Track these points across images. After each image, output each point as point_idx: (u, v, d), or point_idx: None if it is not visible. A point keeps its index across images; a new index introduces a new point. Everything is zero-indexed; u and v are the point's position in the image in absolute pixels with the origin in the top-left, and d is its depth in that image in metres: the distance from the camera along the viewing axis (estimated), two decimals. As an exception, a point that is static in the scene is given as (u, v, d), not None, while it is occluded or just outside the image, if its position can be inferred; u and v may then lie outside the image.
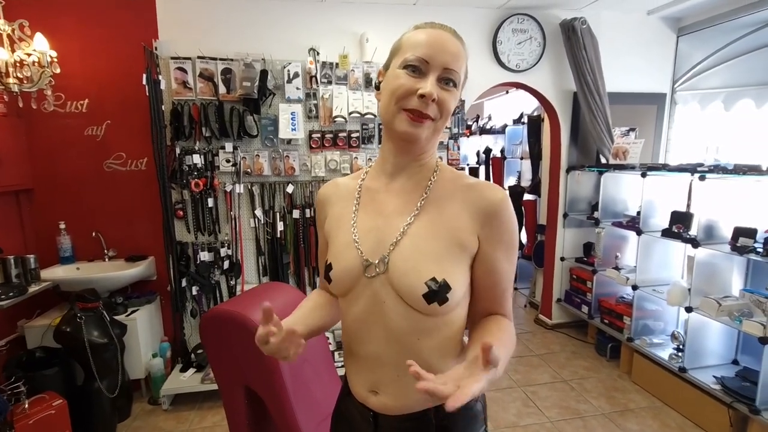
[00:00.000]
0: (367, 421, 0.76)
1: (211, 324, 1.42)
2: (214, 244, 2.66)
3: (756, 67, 3.06)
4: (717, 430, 2.11)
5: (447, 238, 0.70)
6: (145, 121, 2.49)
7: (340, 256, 0.74)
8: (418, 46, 0.68)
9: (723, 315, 2.12)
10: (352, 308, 0.74)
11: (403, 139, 0.70)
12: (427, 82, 0.66)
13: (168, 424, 2.28)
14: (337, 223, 0.79)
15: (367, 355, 0.74)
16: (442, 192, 0.73)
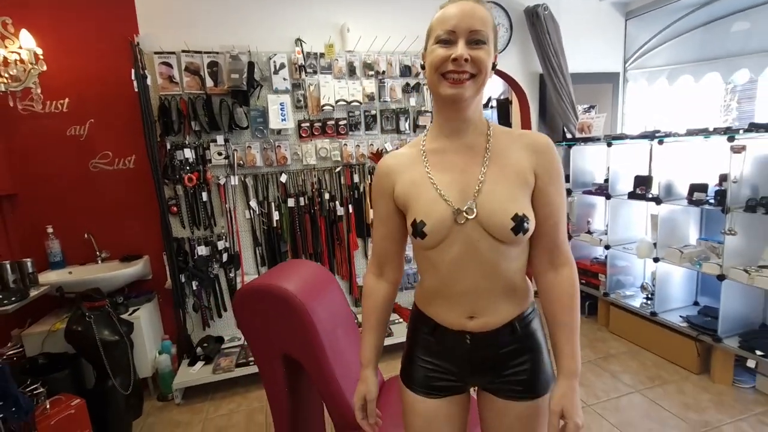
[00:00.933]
0: (464, 342, 0.89)
1: (247, 299, 1.49)
2: (211, 238, 2.67)
3: (693, 46, 3.44)
4: (687, 362, 2.42)
5: (516, 180, 0.83)
6: (131, 118, 2.46)
7: (430, 211, 0.83)
8: (444, 22, 0.80)
9: (685, 261, 2.42)
10: (446, 254, 0.85)
11: (451, 101, 0.82)
12: (457, 47, 0.78)
13: (183, 417, 2.29)
14: (415, 186, 0.87)
15: (464, 290, 0.86)
16: (501, 144, 0.87)
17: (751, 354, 2.09)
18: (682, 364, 2.44)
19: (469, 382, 0.95)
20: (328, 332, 1.46)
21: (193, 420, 2.26)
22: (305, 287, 1.47)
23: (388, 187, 0.92)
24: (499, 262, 0.84)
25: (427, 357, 0.95)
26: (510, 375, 0.90)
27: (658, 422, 2.00)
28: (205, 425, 2.21)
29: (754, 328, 2.29)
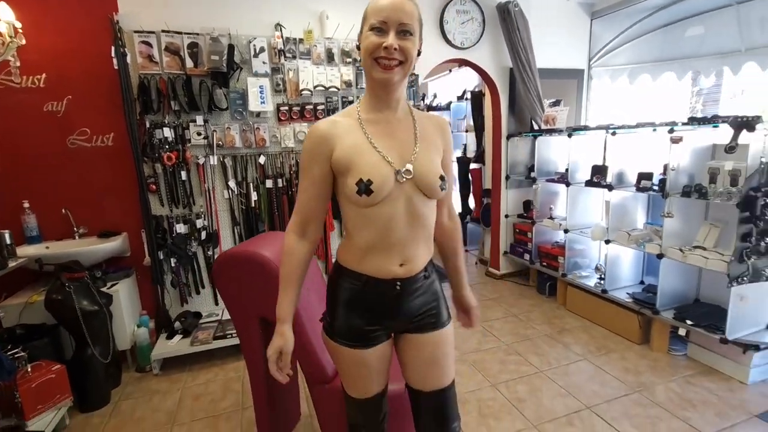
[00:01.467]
0: (394, 289, 1.04)
1: (226, 265, 1.60)
2: (190, 217, 2.74)
3: (652, 47, 3.70)
4: (630, 333, 2.67)
5: (435, 150, 1.06)
6: (110, 95, 2.50)
7: (375, 171, 0.95)
8: (378, 12, 0.93)
9: (632, 243, 2.67)
10: (385, 210, 0.98)
11: (383, 84, 0.98)
12: (388, 37, 0.93)
13: (161, 386, 2.38)
14: (356, 150, 0.99)
15: (398, 240, 1.01)
16: (422, 122, 1.08)
17: (683, 324, 2.35)
18: (627, 335, 2.69)
19: (392, 328, 1.11)
20: (302, 296, 1.59)
21: (171, 389, 2.36)
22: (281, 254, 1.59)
23: (325, 151, 0.99)
24: (426, 215, 1.03)
25: (354, 311, 1.06)
26: (425, 311, 1.10)
27: (601, 384, 2.23)
28: (183, 393, 2.31)
29: (689, 303, 2.56)
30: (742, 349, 2.15)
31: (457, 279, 1.27)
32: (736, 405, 2.02)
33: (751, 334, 2.18)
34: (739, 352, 2.17)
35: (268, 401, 1.72)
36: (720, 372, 2.28)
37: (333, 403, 1.56)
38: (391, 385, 1.26)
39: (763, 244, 2.00)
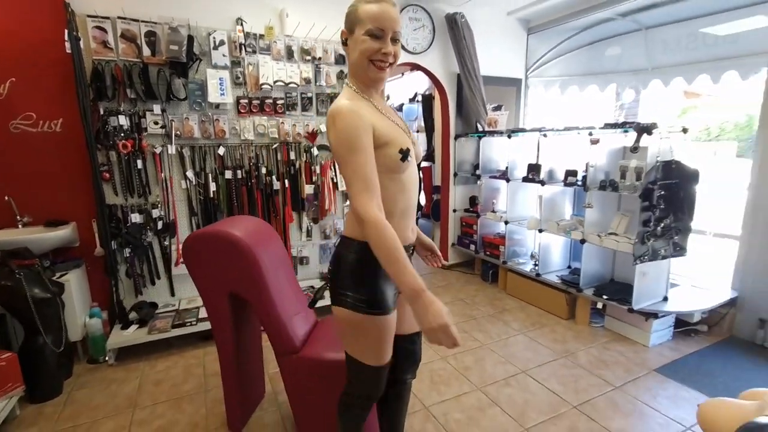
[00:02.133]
0: (409, 251, 1.22)
1: (196, 244, 1.67)
2: (145, 206, 2.72)
3: (579, 62, 4.19)
4: (559, 310, 3.05)
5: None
6: (60, 80, 2.43)
7: (407, 142, 1.14)
8: (376, 20, 1.08)
9: (561, 231, 3.05)
10: (409, 177, 1.16)
11: (375, 81, 1.15)
12: (387, 44, 1.09)
13: (118, 375, 2.36)
14: (387, 125, 1.11)
15: (411, 205, 1.20)
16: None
17: (600, 299, 2.75)
18: (556, 312, 3.07)
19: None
20: (271, 272, 1.71)
21: (129, 377, 2.34)
22: (249, 234, 1.70)
23: (368, 126, 1.04)
24: (417, 182, 1.24)
25: (387, 280, 1.16)
26: None
27: (534, 352, 2.55)
28: (142, 380, 2.31)
29: (606, 282, 2.99)
30: (645, 318, 2.57)
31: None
32: (640, 363, 2.42)
33: (652, 305, 2.62)
34: (642, 320, 2.60)
35: (237, 377, 1.82)
36: (628, 338, 2.70)
37: (301, 373, 1.69)
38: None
39: (659, 229, 2.43)
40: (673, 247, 2.51)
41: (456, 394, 2.13)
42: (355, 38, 1.10)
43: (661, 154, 2.40)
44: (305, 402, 1.74)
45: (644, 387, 2.19)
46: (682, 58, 3.56)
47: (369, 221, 0.99)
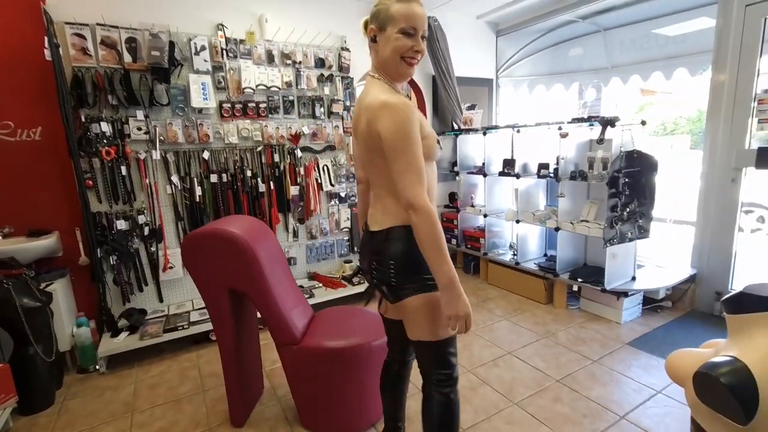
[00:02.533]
0: None
1: (195, 243, 1.71)
2: (131, 213, 2.71)
3: (545, 63, 4.43)
4: (538, 296, 3.23)
5: None
6: (37, 88, 2.41)
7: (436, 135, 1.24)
8: (409, 19, 1.12)
9: (536, 221, 3.23)
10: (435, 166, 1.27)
11: (404, 76, 1.21)
12: (419, 42, 1.15)
13: (111, 383, 2.34)
14: (424, 120, 1.19)
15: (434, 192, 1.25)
16: None
17: (575, 282, 2.94)
18: (536, 298, 3.25)
19: None
20: (268, 267, 1.78)
21: (122, 383, 2.33)
22: (247, 232, 1.76)
23: (417, 119, 1.12)
24: None
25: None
26: None
27: (518, 335, 2.71)
28: (137, 386, 2.30)
29: (580, 266, 3.19)
30: (616, 297, 2.78)
31: None
32: (614, 338, 2.61)
33: (622, 285, 2.83)
34: (614, 299, 2.80)
35: (238, 372, 1.86)
36: (603, 317, 2.90)
37: (302, 362, 1.77)
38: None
39: (625, 214, 2.64)
40: (638, 230, 2.73)
41: (448, 377, 2.24)
42: (387, 35, 1.15)
43: (623, 144, 2.61)
44: (306, 390, 1.82)
45: (618, 359, 2.37)
46: (638, 57, 3.84)
47: (423, 210, 1.06)
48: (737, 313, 1.03)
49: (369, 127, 1.14)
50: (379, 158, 1.16)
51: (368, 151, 1.20)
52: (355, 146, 1.38)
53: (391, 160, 1.10)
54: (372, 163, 1.23)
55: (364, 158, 1.27)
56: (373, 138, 1.14)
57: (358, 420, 1.85)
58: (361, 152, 1.29)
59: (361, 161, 1.37)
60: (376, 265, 1.25)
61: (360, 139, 1.24)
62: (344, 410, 1.82)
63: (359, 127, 1.22)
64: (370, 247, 1.30)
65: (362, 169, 1.42)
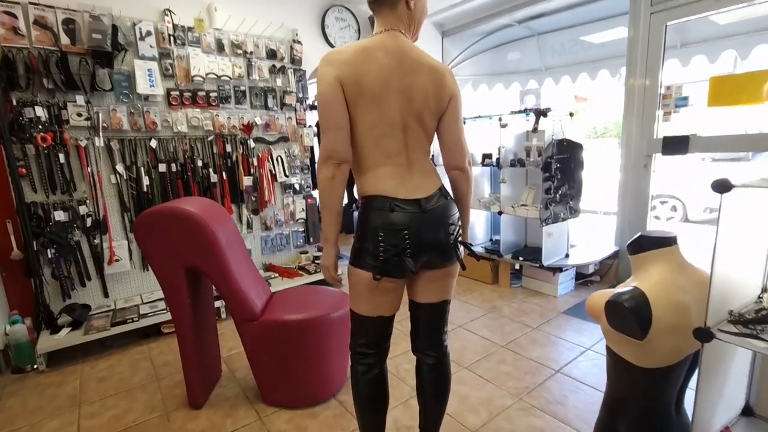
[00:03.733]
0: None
1: (150, 221, 1.69)
2: (71, 203, 2.57)
3: (486, 64, 4.75)
4: (485, 277, 3.46)
5: None
6: (-39, 68, 2.23)
7: None
8: None
9: (482, 207, 3.48)
10: None
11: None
12: None
13: (53, 380, 2.21)
14: None
15: None
16: None
17: (517, 261, 3.20)
18: (483, 279, 3.49)
19: None
20: (226, 246, 1.80)
21: (66, 380, 2.21)
22: (203, 211, 1.78)
23: None
24: None
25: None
26: None
27: (467, 311, 2.90)
28: (83, 380, 2.20)
29: (521, 248, 3.47)
30: (552, 272, 3.07)
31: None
32: (551, 309, 2.89)
33: (557, 261, 3.12)
34: (551, 275, 3.09)
35: (196, 352, 1.86)
36: (541, 292, 3.18)
37: (261, 337, 1.81)
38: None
39: (558, 196, 2.93)
40: (569, 211, 3.03)
41: (404, 350, 2.37)
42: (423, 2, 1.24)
43: (555, 134, 2.90)
44: (268, 365, 1.86)
45: (555, 325, 2.64)
46: (567, 60, 4.26)
47: (471, 167, 1.30)
48: (637, 253, 1.24)
49: (440, 89, 1.18)
50: (432, 120, 1.21)
51: (424, 112, 1.17)
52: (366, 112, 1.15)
53: (455, 122, 1.23)
54: (416, 126, 1.18)
55: (400, 122, 1.16)
56: (441, 99, 1.18)
57: (320, 391, 1.92)
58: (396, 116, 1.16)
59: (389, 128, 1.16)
60: (453, 224, 1.25)
61: (401, 101, 1.15)
62: (306, 382, 1.88)
63: (405, 85, 1.15)
64: (431, 213, 1.20)
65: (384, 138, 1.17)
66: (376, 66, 1.13)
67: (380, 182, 1.20)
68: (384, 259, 1.18)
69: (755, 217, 1.06)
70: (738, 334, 0.94)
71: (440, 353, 1.37)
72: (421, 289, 1.30)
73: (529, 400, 1.88)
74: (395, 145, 1.18)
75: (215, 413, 1.87)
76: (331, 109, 1.12)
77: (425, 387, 1.38)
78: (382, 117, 1.15)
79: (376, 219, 1.18)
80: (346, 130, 1.15)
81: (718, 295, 1.00)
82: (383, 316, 1.28)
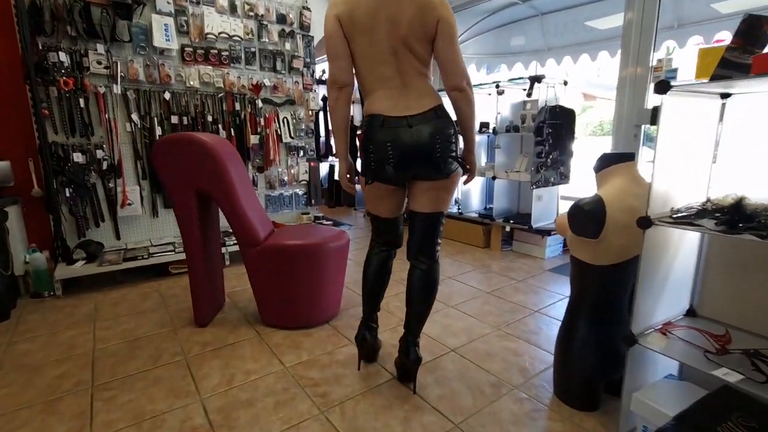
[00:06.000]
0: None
1: (166, 146, 1.86)
2: (88, 146, 2.74)
3: (490, 44, 4.86)
4: (477, 241, 3.62)
5: None
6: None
7: None
8: None
9: (477, 174, 3.60)
10: None
11: None
12: None
13: (70, 303, 2.40)
14: None
15: None
16: None
17: (508, 224, 3.35)
18: (475, 243, 3.64)
19: None
20: (235, 176, 1.96)
21: (81, 303, 2.39)
22: (217, 142, 1.94)
23: None
24: None
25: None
26: None
27: (458, 268, 3.06)
28: (98, 305, 2.38)
29: (513, 213, 3.62)
30: (541, 236, 3.21)
31: None
32: (537, 267, 3.04)
33: (545, 225, 3.27)
34: (540, 238, 3.23)
35: (204, 272, 2.03)
36: (530, 255, 3.33)
37: (263, 261, 1.97)
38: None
39: (549, 161, 3.06)
40: (559, 176, 3.17)
41: (395, 292, 2.53)
42: None
43: (548, 100, 3.03)
44: (268, 288, 2.02)
45: (539, 279, 2.79)
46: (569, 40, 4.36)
47: (470, 87, 1.36)
48: (601, 170, 1.39)
49: (424, 15, 1.27)
50: (421, 46, 1.31)
51: (411, 38, 1.29)
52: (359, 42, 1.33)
53: (449, 44, 1.30)
54: (404, 52, 1.31)
55: (388, 48, 1.31)
56: (427, 24, 1.28)
57: (316, 315, 2.09)
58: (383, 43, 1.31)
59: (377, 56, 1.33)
60: (441, 140, 1.33)
61: (387, 29, 1.29)
62: (303, 306, 2.04)
63: (390, 14, 1.28)
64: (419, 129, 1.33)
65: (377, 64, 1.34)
66: (365, 1, 1.30)
67: (376, 103, 1.39)
68: (374, 168, 1.39)
69: (698, 125, 1.20)
70: (674, 222, 1.09)
71: (431, 260, 1.52)
72: (416, 198, 1.48)
73: (507, 330, 2.04)
74: (388, 70, 1.35)
75: (219, 330, 2.04)
76: (333, 42, 1.34)
77: (414, 289, 1.53)
78: (372, 45, 1.32)
79: (369, 134, 1.40)
80: (345, 59, 1.36)
81: (661, 195, 1.15)
82: (382, 217, 1.54)
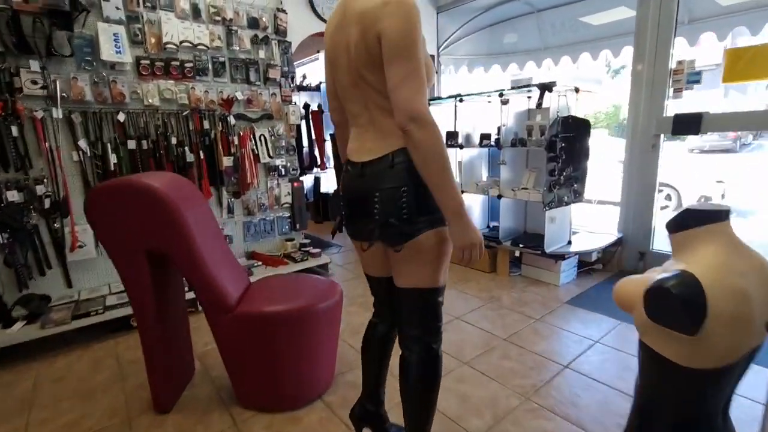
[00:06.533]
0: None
1: (105, 196, 1.45)
2: (26, 182, 2.30)
3: (484, 43, 4.52)
4: (482, 265, 3.28)
5: None
6: None
7: None
8: None
9: (480, 191, 3.27)
10: None
11: None
12: None
13: (4, 380, 1.97)
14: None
15: None
16: None
17: (517, 248, 3.01)
18: (480, 268, 3.30)
19: None
20: (196, 229, 1.56)
21: (18, 379, 1.97)
22: (168, 185, 1.53)
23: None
24: None
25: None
26: None
27: (464, 301, 2.71)
28: (38, 380, 1.96)
29: (520, 234, 3.29)
30: (554, 260, 2.89)
31: None
32: (553, 298, 2.71)
33: (559, 248, 2.94)
34: (552, 263, 2.91)
35: (161, 350, 1.63)
36: (542, 281, 3.01)
37: (237, 333, 1.59)
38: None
39: (562, 178, 2.73)
40: (573, 195, 2.85)
41: (397, 344, 2.17)
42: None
43: (560, 110, 2.70)
44: (244, 365, 1.64)
45: (558, 316, 2.46)
46: (568, 39, 4.04)
47: (430, 123, 0.92)
48: (680, 231, 1.04)
49: (365, 34, 0.95)
50: (373, 74, 0.99)
51: (360, 67, 1.00)
52: (331, 77, 1.16)
53: (391, 63, 0.92)
54: (362, 83, 1.03)
55: (349, 81, 1.06)
56: (370, 47, 0.95)
57: (305, 393, 1.71)
58: (345, 76, 1.07)
59: (343, 91, 1.11)
60: (381, 198, 1.03)
61: (345, 59, 1.04)
62: (288, 385, 1.66)
63: (344, 42, 1.02)
64: (366, 181, 1.06)
65: (346, 101, 1.13)
66: (329, 29, 1.12)
67: (349, 144, 1.19)
68: (341, 219, 1.23)
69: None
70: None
71: (421, 350, 1.15)
72: (391, 266, 1.16)
73: (538, 399, 1.70)
74: (355, 107, 1.11)
75: (184, 418, 1.65)
76: (326, 81, 1.22)
77: (401, 382, 1.19)
78: (339, 79, 1.12)
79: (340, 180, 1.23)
80: (335, 99, 1.22)
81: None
82: (368, 275, 1.31)
